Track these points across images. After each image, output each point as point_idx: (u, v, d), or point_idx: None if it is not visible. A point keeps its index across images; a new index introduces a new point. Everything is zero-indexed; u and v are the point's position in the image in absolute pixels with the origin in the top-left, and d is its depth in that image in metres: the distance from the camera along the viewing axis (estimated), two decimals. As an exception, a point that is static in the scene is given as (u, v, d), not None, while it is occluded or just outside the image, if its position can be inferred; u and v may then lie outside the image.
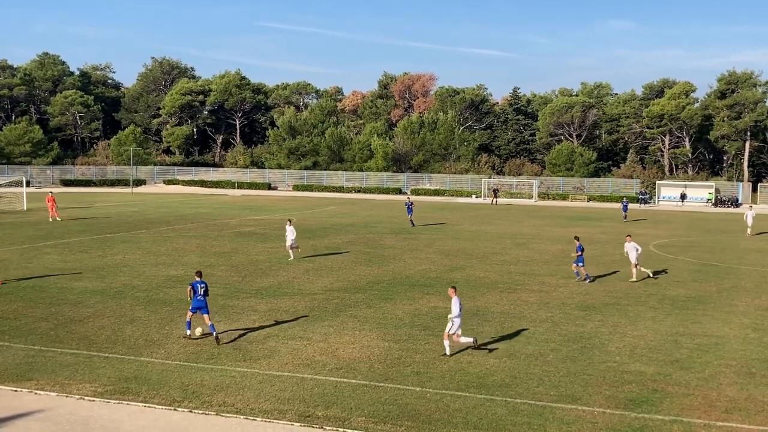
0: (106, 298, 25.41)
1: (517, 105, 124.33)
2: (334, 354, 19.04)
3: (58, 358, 18.32)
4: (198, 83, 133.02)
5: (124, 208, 65.95)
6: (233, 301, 25.34)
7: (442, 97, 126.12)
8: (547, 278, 31.24)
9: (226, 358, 18.54)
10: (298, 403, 15.35)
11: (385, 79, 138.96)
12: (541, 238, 46.80)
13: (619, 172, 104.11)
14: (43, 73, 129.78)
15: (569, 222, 59.34)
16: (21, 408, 14.90)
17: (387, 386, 16.55)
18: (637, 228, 55.10)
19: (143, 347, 19.38)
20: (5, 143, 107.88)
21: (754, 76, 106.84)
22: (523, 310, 24.73)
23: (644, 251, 40.63)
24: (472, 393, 16.17)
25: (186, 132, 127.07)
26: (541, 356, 19.17)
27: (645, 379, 17.42)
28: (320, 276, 30.77)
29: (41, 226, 48.46)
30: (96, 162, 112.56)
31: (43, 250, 37.06)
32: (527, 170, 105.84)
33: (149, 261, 34.03)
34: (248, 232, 46.55)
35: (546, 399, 15.92)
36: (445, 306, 24.93)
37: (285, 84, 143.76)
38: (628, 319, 23.70)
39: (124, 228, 47.90)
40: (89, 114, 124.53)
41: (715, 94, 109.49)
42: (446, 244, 42.50)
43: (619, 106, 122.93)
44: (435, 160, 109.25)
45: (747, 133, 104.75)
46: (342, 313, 23.77)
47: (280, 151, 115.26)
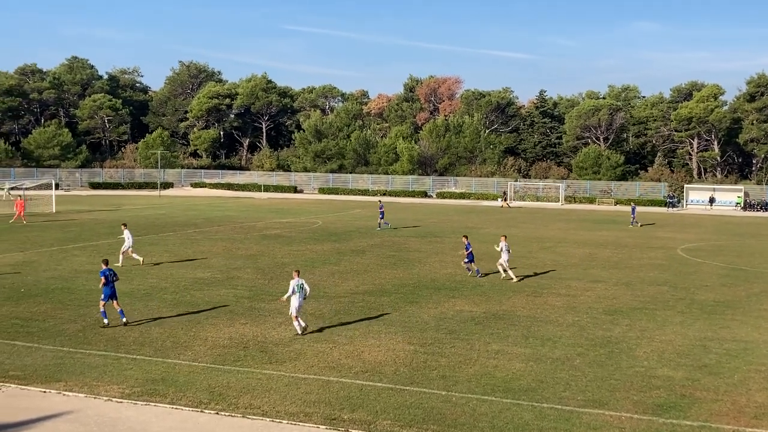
0: (133, 300, 25.59)
1: (544, 108, 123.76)
2: (359, 357, 19.04)
3: (87, 359, 18.48)
4: (225, 87, 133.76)
5: (151, 210, 66.45)
6: (259, 303, 25.43)
7: (468, 100, 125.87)
8: (574, 282, 31.05)
9: (252, 360, 18.61)
10: (323, 406, 15.37)
11: (410, 82, 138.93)
12: (568, 241, 46.54)
13: (647, 176, 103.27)
14: (72, 76, 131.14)
15: (596, 226, 58.96)
16: (49, 409, 15.04)
17: (412, 390, 16.53)
18: (663, 232, 54.69)
19: (170, 349, 19.51)
20: (35, 146, 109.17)
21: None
22: (550, 314, 24.60)
23: (673, 255, 40.34)
24: (498, 397, 16.11)
25: (213, 135, 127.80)
26: (568, 361, 19.05)
27: (673, 385, 17.26)
28: (346, 279, 30.80)
29: (70, 228, 48.96)
30: (124, 165, 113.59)
31: (71, 252, 37.43)
32: (554, 173, 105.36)
33: (176, 263, 34.25)
34: (274, 235, 46.73)
35: (573, 404, 15.81)
36: (471, 310, 24.93)
37: (311, 87, 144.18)
38: (656, 324, 23.50)
39: (151, 231, 48.26)
40: (117, 117, 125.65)
41: (744, 97, 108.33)
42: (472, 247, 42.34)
43: (647, 108, 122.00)
44: (460, 163, 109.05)
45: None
46: (367, 316, 23.77)
47: (305, 155, 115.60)
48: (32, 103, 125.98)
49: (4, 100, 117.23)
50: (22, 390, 16.16)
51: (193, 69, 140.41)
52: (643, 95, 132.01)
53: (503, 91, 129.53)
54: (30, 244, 40.38)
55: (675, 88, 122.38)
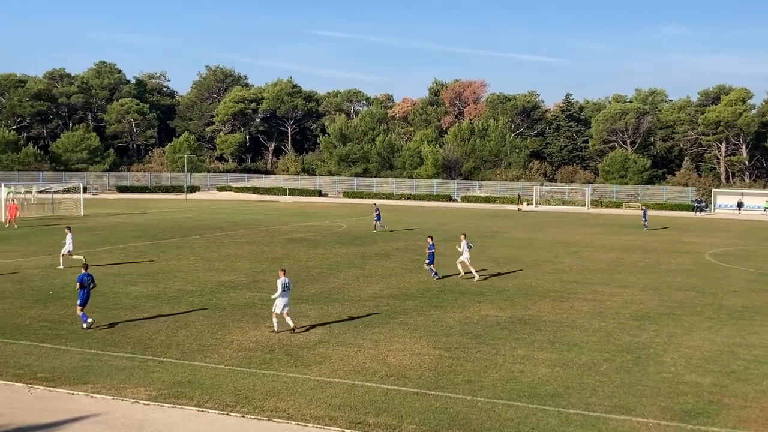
0: (160, 303, 25.77)
1: (570, 111, 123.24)
2: (384, 361, 19.03)
3: (114, 361, 18.62)
4: (251, 91, 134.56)
5: (178, 214, 66.91)
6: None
7: (493, 104, 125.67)
8: (601, 287, 30.85)
9: (277, 363, 18.66)
10: (348, 410, 15.38)
11: (435, 86, 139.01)
12: (594, 246, 46.27)
13: (674, 180, 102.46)
14: (100, 81, 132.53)
15: (622, 230, 58.57)
16: (78, 411, 15.17)
17: (437, 394, 16.49)
18: (691, 236, 54.21)
19: (196, 352, 19.61)
20: (63, 150, 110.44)
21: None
22: (576, 319, 24.45)
23: (700, 260, 39.97)
24: (524, 402, 16.03)
25: (239, 139, 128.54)
26: (595, 366, 18.92)
27: (701, 391, 17.09)
28: (370, 283, 30.82)
29: (98, 231, 49.41)
30: (151, 169, 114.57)
31: (99, 255, 37.75)
32: (580, 177, 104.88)
33: (203, 266, 34.45)
34: (299, 239, 46.86)
35: (599, 410, 15.70)
36: (497, 315, 24.85)
37: (336, 91, 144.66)
38: (683, 329, 23.29)
39: (178, 234, 48.58)
40: (145, 122, 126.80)
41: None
42: (497, 251, 42.26)
43: (674, 112, 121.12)
44: (485, 167, 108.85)
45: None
46: (392, 320, 23.76)
47: (330, 158, 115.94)
48: (61, 108, 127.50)
49: (33, 104, 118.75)
50: (51, 392, 16.31)
51: (219, 73, 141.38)
52: (671, 99, 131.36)
53: (529, 94, 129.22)
54: (58, 247, 40.67)
55: (703, 91, 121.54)
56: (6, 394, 16.13)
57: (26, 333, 21.27)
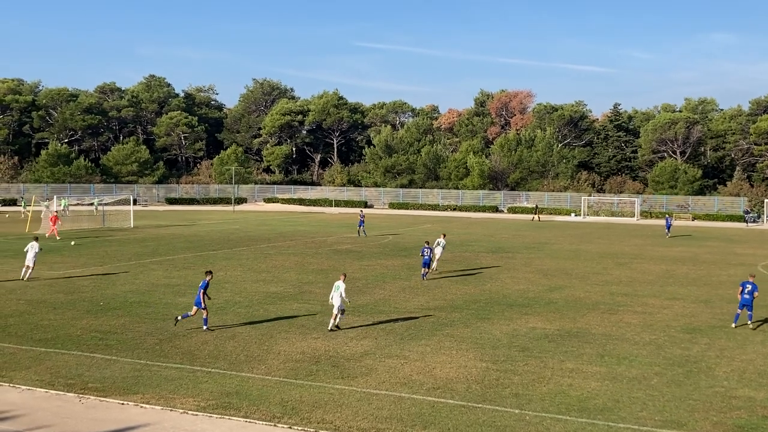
0: (208, 314, 25.96)
1: (618, 121, 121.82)
2: (431, 373, 18.95)
3: (163, 372, 18.81)
4: (297, 103, 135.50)
5: (225, 225, 67.56)
6: (330, 318, 25.51)
7: (540, 114, 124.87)
8: (651, 299, 30.39)
9: (324, 375, 18.68)
10: (395, 422, 15.32)
11: (481, 96, 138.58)
12: (644, 257, 45.62)
13: (726, 190, 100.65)
14: (149, 95, 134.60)
15: (673, 241, 57.66)
16: (127, 421, 15.34)
17: (485, 407, 16.36)
18: (743, 248, 53.18)
19: (244, 363, 19.72)
20: (113, 163, 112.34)
21: None
22: (626, 332, 24.10)
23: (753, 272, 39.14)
24: (573, 417, 15.82)
25: (285, 151, 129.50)
26: (645, 380, 18.62)
27: (755, 405, 16.71)
28: (416, 294, 30.74)
29: (147, 243, 50.08)
30: (199, 181, 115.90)
31: (149, 266, 38.25)
32: (629, 188, 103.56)
33: (250, 278, 34.70)
34: (345, 250, 46.97)
35: (650, 424, 15.43)
36: (544, 327, 24.60)
37: (381, 103, 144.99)
38: (736, 343, 22.81)
39: (225, 245, 49.03)
40: (193, 134, 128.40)
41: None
42: (545, 263, 41.90)
43: (725, 122, 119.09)
44: (532, 178, 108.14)
45: None
46: (438, 332, 23.66)
47: (376, 170, 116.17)
48: (111, 121, 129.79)
49: (85, 117, 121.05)
50: (101, 402, 16.52)
51: (266, 86, 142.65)
52: (721, 108, 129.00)
53: (576, 104, 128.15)
54: (108, 258, 41.43)
55: (754, 100, 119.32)
56: (57, 403, 16.38)
57: (77, 343, 21.60)
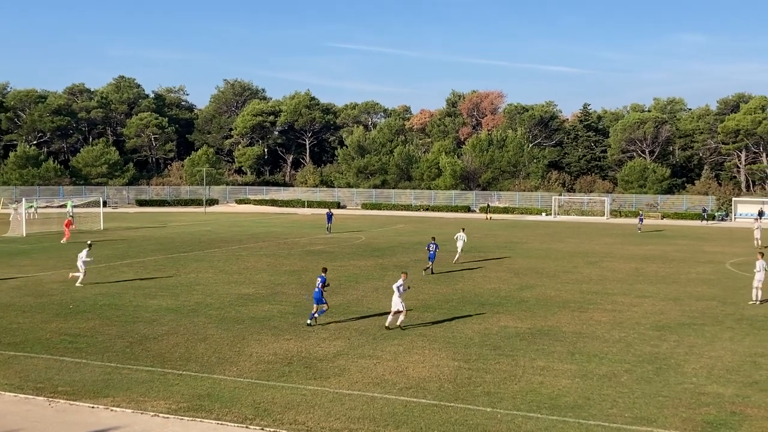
0: (179, 316, 25.85)
1: (588, 121, 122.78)
2: (403, 373, 18.98)
3: (133, 375, 18.68)
4: (269, 104, 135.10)
5: (197, 227, 67.19)
6: (303, 319, 25.49)
7: (511, 115, 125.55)
8: (620, 297, 30.67)
9: (296, 376, 18.65)
10: (368, 423, 15.33)
11: (453, 97, 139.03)
12: (614, 256, 46.03)
13: (694, 189, 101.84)
14: (119, 96, 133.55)
15: (643, 240, 58.24)
16: (97, 424, 15.22)
17: (457, 406, 16.42)
18: (711, 246, 53.84)
19: (216, 365, 19.64)
20: (83, 164, 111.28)
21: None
22: (596, 330, 24.31)
23: (721, 269, 39.65)
24: (544, 414, 15.93)
25: (257, 152, 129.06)
26: (615, 377, 18.79)
27: (723, 401, 16.93)
28: (389, 294, 30.55)
29: (117, 245, 49.69)
30: (170, 182, 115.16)
31: (119, 268, 37.95)
32: (598, 187, 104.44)
33: (222, 279, 34.55)
34: (318, 251, 46.91)
35: (620, 421, 15.58)
36: (516, 326, 24.75)
37: (354, 104, 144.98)
38: (704, 340, 23.09)
39: (197, 247, 48.78)
40: (164, 135, 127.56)
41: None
42: (516, 262, 42.13)
43: (693, 121, 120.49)
44: (504, 178, 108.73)
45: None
46: (411, 332, 23.71)
47: (349, 170, 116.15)
48: (80, 122, 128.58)
49: (54, 119, 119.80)
50: (71, 405, 16.37)
51: (237, 87, 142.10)
52: (689, 108, 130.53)
53: (546, 104, 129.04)
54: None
55: (722, 100, 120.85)
56: (26, 407, 16.21)
57: (47, 347, 21.38)
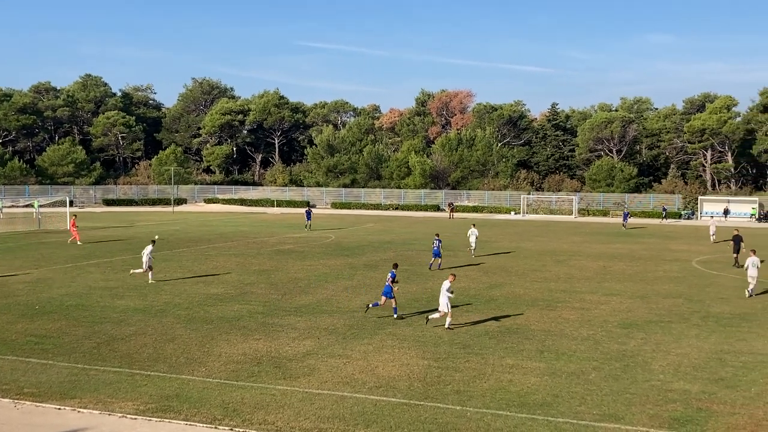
0: (147, 317, 25.65)
1: (556, 121, 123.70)
2: (373, 372, 18.99)
3: (101, 376, 18.50)
4: (237, 103, 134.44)
5: (165, 226, 66.67)
6: (273, 318, 25.42)
7: (480, 114, 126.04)
8: (588, 295, 30.92)
9: (266, 375, 18.58)
10: (338, 422, 15.32)
11: (422, 96, 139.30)
12: (582, 254, 46.39)
13: (661, 188, 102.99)
14: (85, 94, 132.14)
15: (610, 238, 58.76)
16: (65, 426, 15.06)
17: (427, 405, 16.46)
18: (678, 244, 54.46)
19: (184, 365, 19.51)
20: (49, 164, 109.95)
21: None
22: (564, 328, 24.48)
23: (687, 267, 40.12)
24: (513, 412, 16.01)
25: (226, 151, 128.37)
26: (583, 375, 18.94)
27: (690, 398, 17.13)
28: (359, 294, 30.77)
29: (84, 245, 49.15)
30: (138, 182, 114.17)
31: (85, 269, 37.56)
32: (567, 186, 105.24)
33: (190, 279, 34.32)
34: (287, 250, 46.77)
35: (588, 418, 15.71)
36: (485, 324, 24.84)
37: (323, 103, 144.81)
38: (671, 337, 23.35)
39: (165, 247, 48.37)
40: (131, 134, 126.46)
41: (758, 108, 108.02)
42: (485, 261, 42.30)
43: (660, 120, 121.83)
44: (473, 177, 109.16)
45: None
46: (381, 331, 23.72)
47: (318, 169, 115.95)
48: (46, 121, 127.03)
49: (19, 118, 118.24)
50: (38, 407, 16.18)
51: (205, 85, 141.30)
52: (656, 107, 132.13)
53: (515, 104, 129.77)
54: (44, 261, 40.57)
55: (688, 99, 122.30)
56: (-8, 410, 16.01)
57: (12, 348, 21.11)
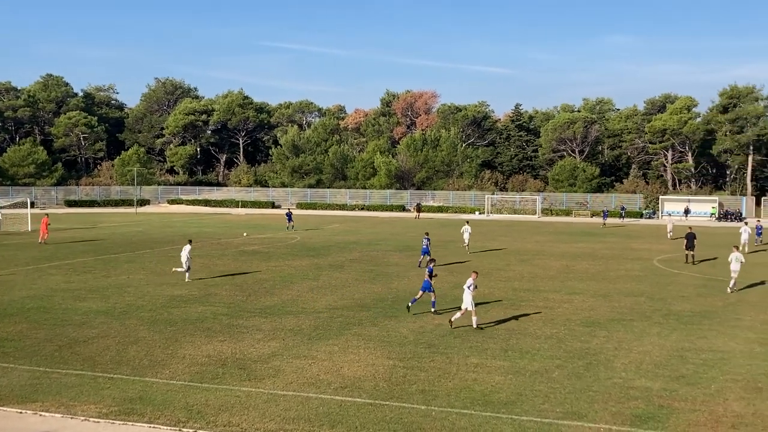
0: (110, 319, 25.39)
1: (519, 121, 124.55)
2: (338, 372, 18.99)
3: (63, 379, 18.29)
4: (201, 103, 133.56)
5: (128, 228, 66.04)
6: (237, 320, 25.31)
7: (445, 114, 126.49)
8: (552, 294, 31.18)
9: (230, 377, 18.50)
10: (303, 423, 15.30)
11: (387, 96, 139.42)
12: (545, 254, 46.76)
13: (622, 188, 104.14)
14: (47, 94, 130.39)
15: (573, 238, 59.30)
16: (26, 429, 14.87)
17: (392, 405, 16.49)
18: (639, 243, 55.14)
19: (147, 367, 19.35)
20: (9, 164, 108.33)
21: (755, 90, 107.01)
22: (528, 327, 24.66)
23: (649, 266, 40.64)
24: (477, 411, 16.11)
25: (189, 152, 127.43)
26: (547, 373, 19.10)
27: (651, 395, 17.35)
28: (324, 294, 30.74)
29: (45, 247, 48.53)
30: (100, 182, 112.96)
31: (47, 271, 37.08)
32: (530, 186, 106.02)
33: (153, 281, 34.03)
34: (252, 251, 46.56)
35: (552, 416, 15.85)
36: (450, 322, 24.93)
37: (288, 103, 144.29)
38: (633, 335, 23.63)
39: (128, 248, 47.94)
40: (93, 135, 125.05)
41: (717, 109, 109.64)
42: (450, 260, 42.46)
43: (621, 121, 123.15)
44: (438, 177, 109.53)
45: (750, 147, 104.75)
46: (346, 332, 23.72)
47: (283, 170, 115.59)
48: (6, 121, 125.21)
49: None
50: (-2, 411, 15.97)
51: (169, 85, 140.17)
52: (618, 108, 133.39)
53: (479, 104, 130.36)
54: (4, 263, 39.98)
55: (649, 100, 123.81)
56: (-50, 415, 15.75)
57: (-29, 352, 20.79)
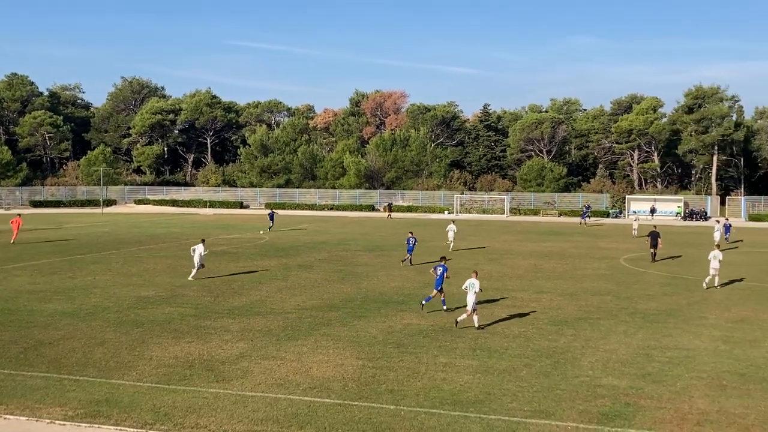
0: (76, 320, 25.11)
1: (488, 122, 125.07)
2: (307, 373, 18.94)
3: (28, 381, 18.06)
4: (168, 102, 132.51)
5: (94, 228, 65.36)
6: (205, 321, 25.15)
7: (414, 114, 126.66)
8: (520, 293, 31.36)
9: (198, 379, 18.38)
10: (271, 424, 15.25)
11: (356, 96, 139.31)
12: (513, 253, 47.01)
13: (589, 187, 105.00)
14: (11, 93, 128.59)
15: (541, 237, 59.68)
16: (-11, 434, 14.69)
17: (361, 405, 16.49)
18: (606, 242, 55.64)
19: (114, 369, 19.17)
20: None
21: (720, 90, 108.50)
22: (496, 326, 24.78)
23: (615, 265, 41.00)
24: (446, 410, 16.15)
25: (156, 151, 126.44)
26: (515, 371, 19.21)
27: (618, 393, 17.51)
28: (293, 294, 30.65)
29: (9, 248, 47.88)
30: (66, 182, 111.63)
31: (11, 272, 36.60)
32: (498, 186, 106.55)
33: (120, 282, 33.71)
34: (220, 251, 46.28)
35: (520, 415, 15.94)
36: (419, 323, 25.02)
37: (256, 102, 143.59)
38: (600, 333, 23.83)
39: (94, 249, 47.45)
40: (58, 134, 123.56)
41: (683, 109, 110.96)
42: (419, 260, 42.51)
43: (588, 121, 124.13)
44: (407, 177, 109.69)
45: (714, 147, 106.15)
46: (315, 332, 23.67)
47: (252, 170, 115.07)
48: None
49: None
50: (-40, 415, 15.73)
51: (135, 84, 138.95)
52: (585, 108, 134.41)
53: (448, 105, 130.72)
54: (-32, 264, 39.38)
55: (615, 101, 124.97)
56: None
57: (-67, 355, 20.46)
